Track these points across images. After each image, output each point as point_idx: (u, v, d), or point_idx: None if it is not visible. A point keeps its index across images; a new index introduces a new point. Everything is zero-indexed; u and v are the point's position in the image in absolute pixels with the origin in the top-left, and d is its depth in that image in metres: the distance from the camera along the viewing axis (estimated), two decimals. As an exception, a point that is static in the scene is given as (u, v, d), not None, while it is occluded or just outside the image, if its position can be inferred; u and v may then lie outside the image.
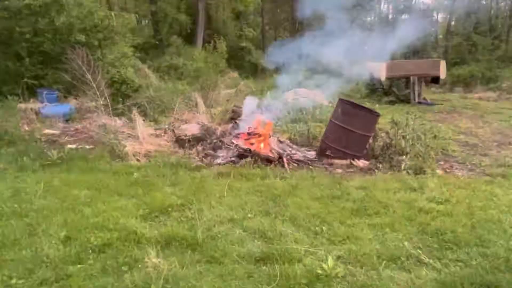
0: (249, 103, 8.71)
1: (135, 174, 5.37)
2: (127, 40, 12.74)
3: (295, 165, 5.97)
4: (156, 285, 2.65)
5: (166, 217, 3.85)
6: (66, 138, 7.33)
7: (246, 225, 3.64)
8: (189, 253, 3.12)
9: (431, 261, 3.03)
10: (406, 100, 13.83)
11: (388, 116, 9.94)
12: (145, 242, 3.27)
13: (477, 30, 24.40)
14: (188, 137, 7.01)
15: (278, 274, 2.80)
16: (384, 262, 3.02)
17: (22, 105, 9.18)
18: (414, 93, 13.87)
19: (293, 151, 6.50)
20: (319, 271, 2.82)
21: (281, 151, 6.12)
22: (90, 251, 3.14)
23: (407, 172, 5.42)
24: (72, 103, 10.02)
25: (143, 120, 8.14)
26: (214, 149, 6.62)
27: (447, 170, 5.77)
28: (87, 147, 6.80)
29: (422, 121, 6.64)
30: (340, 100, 6.42)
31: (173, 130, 7.45)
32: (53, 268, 2.91)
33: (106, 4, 17.69)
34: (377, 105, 13.26)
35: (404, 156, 5.85)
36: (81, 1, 11.26)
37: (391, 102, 13.75)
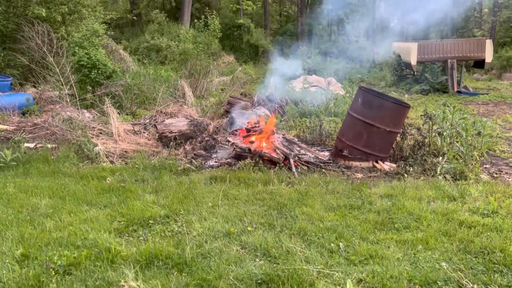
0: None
1: (108, 179, 5.40)
2: (98, 15, 12.76)
3: (305, 168, 6.00)
4: (135, 314, 2.66)
5: (147, 231, 3.85)
6: (22, 134, 7.34)
7: (245, 241, 3.65)
8: (175, 275, 3.12)
9: (475, 286, 3.02)
10: (442, 89, 13.86)
11: (420, 109, 10.02)
12: (121, 262, 3.27)
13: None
14: (173, 134, 7.05)
15: (285, 301, 2.81)
16: (417, 287, 3.02)
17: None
18: (452, 80, 13.89)
19: (302, 151, 6.53)
20: (336, 298, 2.82)
21: (287, 151, 6.14)
22: (53, 273, 3.14)
23: (444, 178, 5.44)
24: (30, 92, 10.05)
25: (118, 114, 8.18)
26: (206, 149, 6.66)
27: (495, 175, 5.78)
28: (49, 146, 6.82)
29: (462, 115, 6.65)
30: (360, 88, 6.43)
31: (155, 126, 7.47)
32: (7, 293, 2.92)
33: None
34: (406, 95, 13.32)
35: (440, 158, 5.87)
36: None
37: (424, 92, 13.78)
